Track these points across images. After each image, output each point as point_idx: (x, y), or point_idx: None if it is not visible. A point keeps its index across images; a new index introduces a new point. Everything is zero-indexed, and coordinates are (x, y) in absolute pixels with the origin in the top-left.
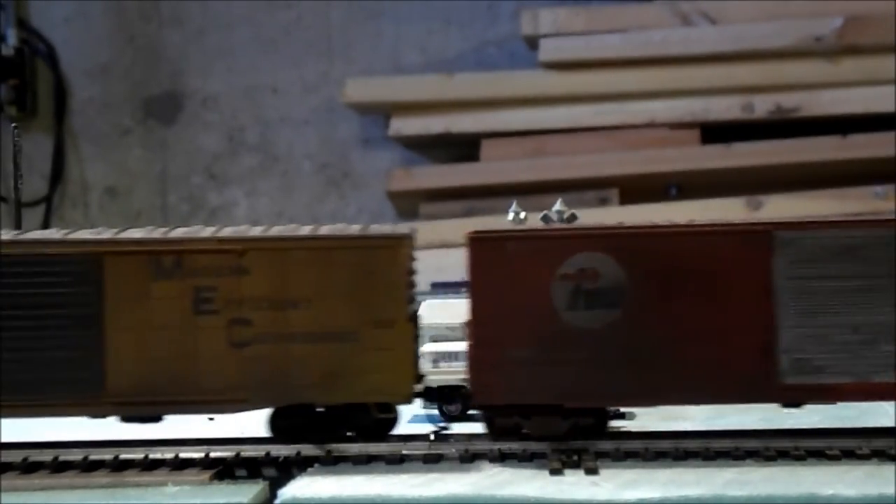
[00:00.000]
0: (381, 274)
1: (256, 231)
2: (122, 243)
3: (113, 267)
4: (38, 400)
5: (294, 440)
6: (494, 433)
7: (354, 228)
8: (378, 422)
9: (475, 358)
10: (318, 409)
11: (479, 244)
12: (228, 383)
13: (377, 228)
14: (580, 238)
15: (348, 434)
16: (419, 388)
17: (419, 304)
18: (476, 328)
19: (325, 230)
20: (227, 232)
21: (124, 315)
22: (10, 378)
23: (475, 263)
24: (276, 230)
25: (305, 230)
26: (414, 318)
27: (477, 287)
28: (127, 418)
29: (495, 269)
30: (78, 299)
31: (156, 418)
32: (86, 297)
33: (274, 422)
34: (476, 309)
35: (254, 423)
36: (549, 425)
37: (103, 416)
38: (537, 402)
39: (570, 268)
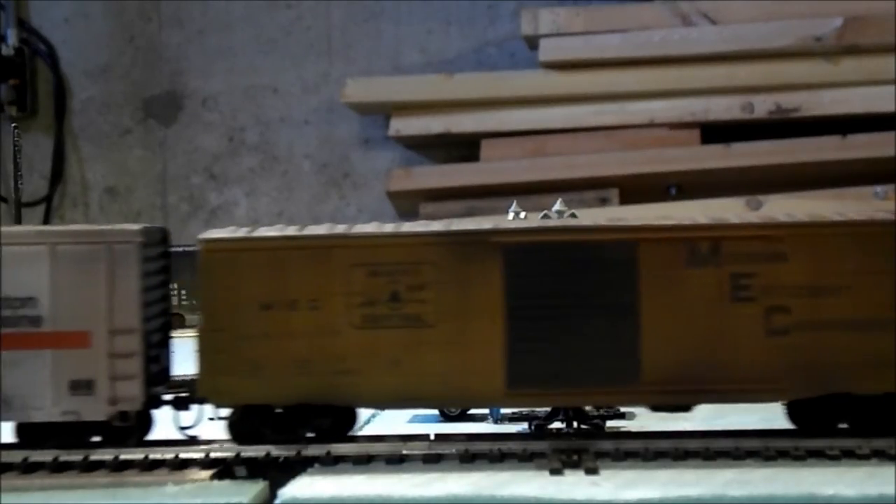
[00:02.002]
0: None
1: (793, 217)
2: (657, 229)
3: (647, 253)
4: (575, 388)
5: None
6: None
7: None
8: None
9: None
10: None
11: None
12: (766, 372)
13: None
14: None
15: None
16: None
17: None
18: None
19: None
20: (764, 218)
21: (658, 302)
22: (554, 366)
23: None
24: (811, 216)
25: (843, 216)
26: None
27: None
28: (657, 407)
29: None
30: (614, 287)
31: (685, 408)
32: (622, 284)
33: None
34: None
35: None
36: None
37: (639, 404)
38: None
39: None
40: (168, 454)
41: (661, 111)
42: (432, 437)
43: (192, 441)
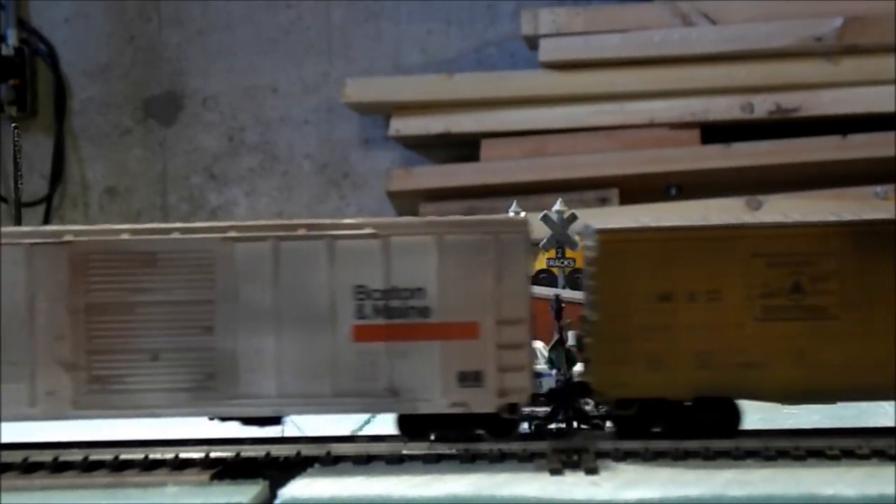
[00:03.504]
0: None
1: None
2: None
3: None
4: None
5: None
6: None
7: None
8: None
9: None
10: None
11: None
12: None
13: None
14: None
15: None
16: None
17: None
18: None
19: None
20: None
21: None
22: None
23: None
24: None
25: None
26: None
27: None
28: None
29: None
30: None
31: None
32: None
33: None
34: None
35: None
36: None
37: None
38: None
39: None
40: (168, 454)
41: (661, 111)
42: (432, 437)
43: (192, 441)
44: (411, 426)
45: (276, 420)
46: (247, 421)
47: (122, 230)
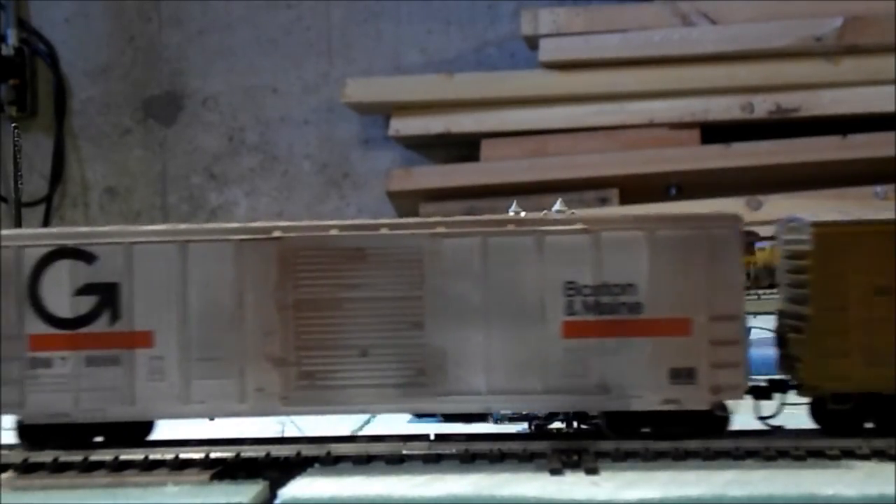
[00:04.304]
0: None
1: None
2: None
3: None
4: None
5: None
6: None
7: None
8: None
9: None
10: None
11: None
12: None
13: None
14: None
15: None
16: None
17: None
18: None
19: None
20: None
21: None
22: None
23: None
24: None
25: None
26: None
27: None
28: None
29: None
30: None
31: None
32: None
33: None
34: None
35: (253, 424)
36: None
37: None
38: None
39: None
40: (168, 454)
41: (661, 111)
42: (432, 437)
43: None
44: (620, 424)
45: (481, 417)
46: (449, 417)
47: (331, 226)
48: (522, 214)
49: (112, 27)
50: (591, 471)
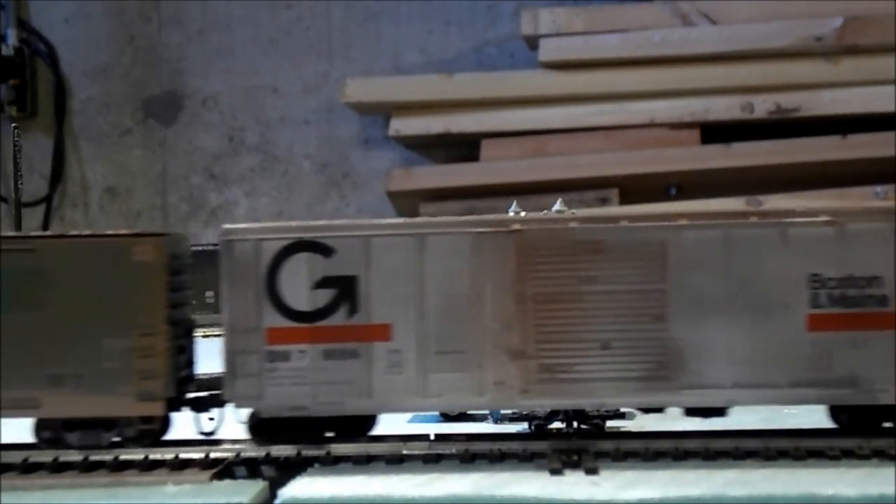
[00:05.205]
0: None
1: None
2: None
3: None
4: None
5: None
6: None
7: None
8: None
9: None
10: None
11: None
12: None
13: None
14: None
15: None
16: None
17: None
18: None
19: None
20: None
21: None
22: None
23: None
24: None
25: None
26: None
27: None
28: None
29: None
30: None
31: None
32: None
33: None
34: None
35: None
36: None
37: None
38: None
39: None
40: (168, 454)
41: (661, 111)
42: (432, 437)
43: (196, 441)
44: (861, 418)
45: (720, 411)
46: (690, 412)
47: (570, 219)
48: (522, 214)
49: (112, 27)
50: (591, 471)
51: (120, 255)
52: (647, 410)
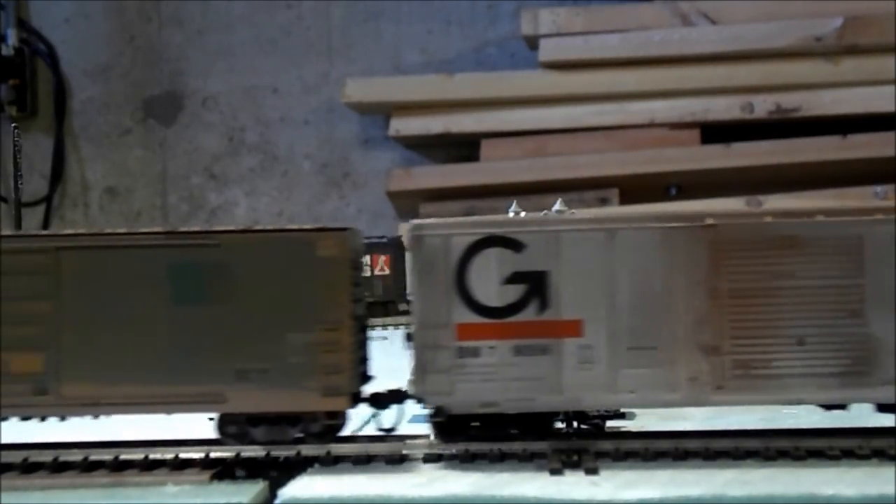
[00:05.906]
0: None
1: None
2: None
3: None
4: None
5: None
6: None
7: None
8: None
9: None
10: None
11: None
12: None
13: None
14: None
15: None
16: None
17: None
18: None
19: None
20: None
21: None
22: None
23: None
24: None
25: None
26: None
27: None
28: None
29: None
30: None
31: None
32: None
33: None
34: None
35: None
36: None
37: None
38: None
39: None
40: (168, 454)
41: (661, 111)
42: (432, 438)
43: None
44: None
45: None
46: (883, 408)
47: (764, 213)
48: (522, 215)
49: (112, 27)
50: (591, 471)
51: (304, 250)
52: (828, 407)
